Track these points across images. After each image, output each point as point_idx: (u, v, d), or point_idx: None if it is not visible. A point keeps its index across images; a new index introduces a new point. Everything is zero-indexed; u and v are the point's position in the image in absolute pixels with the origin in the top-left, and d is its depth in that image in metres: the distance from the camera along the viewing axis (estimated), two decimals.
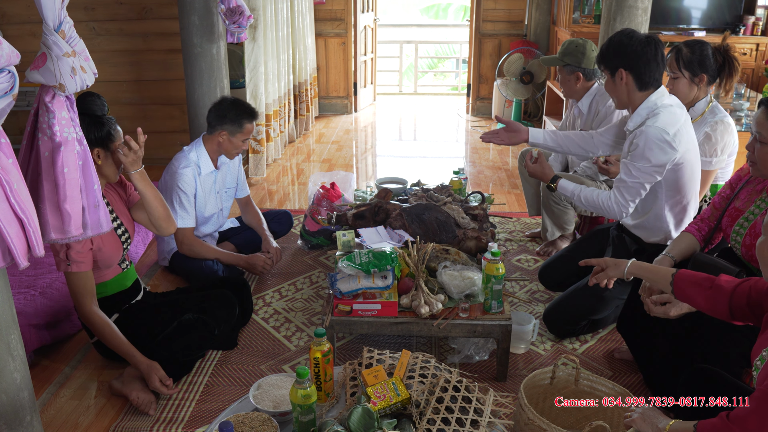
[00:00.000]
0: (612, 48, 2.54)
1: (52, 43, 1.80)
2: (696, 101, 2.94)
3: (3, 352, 1.85)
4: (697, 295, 1.90)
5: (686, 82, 2.88)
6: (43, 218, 1.90)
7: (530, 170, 2.89)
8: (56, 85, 1.83)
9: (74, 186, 1.92)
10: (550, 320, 2.88)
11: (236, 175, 3.50)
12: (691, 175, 2.59)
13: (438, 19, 13.41)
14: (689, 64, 2.86)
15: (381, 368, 1.87)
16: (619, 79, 2.55)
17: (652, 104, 2.54)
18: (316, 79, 6.89)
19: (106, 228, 2.05)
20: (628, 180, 2.55)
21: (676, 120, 2.49)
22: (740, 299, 1.79)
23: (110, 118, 2.43)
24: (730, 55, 2.88)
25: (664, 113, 2.49)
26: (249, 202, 3.63)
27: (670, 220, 2.65)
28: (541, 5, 6.74)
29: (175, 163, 3.19)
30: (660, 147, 2.46)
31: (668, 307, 2.15)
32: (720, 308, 1.85)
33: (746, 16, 6.14)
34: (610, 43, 2.56)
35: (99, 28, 5.06)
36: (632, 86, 2.55)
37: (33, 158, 1.93)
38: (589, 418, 2.11)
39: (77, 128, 1.94)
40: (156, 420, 2.39)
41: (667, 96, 2.57)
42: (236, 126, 3.16)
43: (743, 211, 2.28)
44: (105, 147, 2.41)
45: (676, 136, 2.47)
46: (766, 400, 1.47)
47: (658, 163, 2.48)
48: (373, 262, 2.52)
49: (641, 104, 2.56)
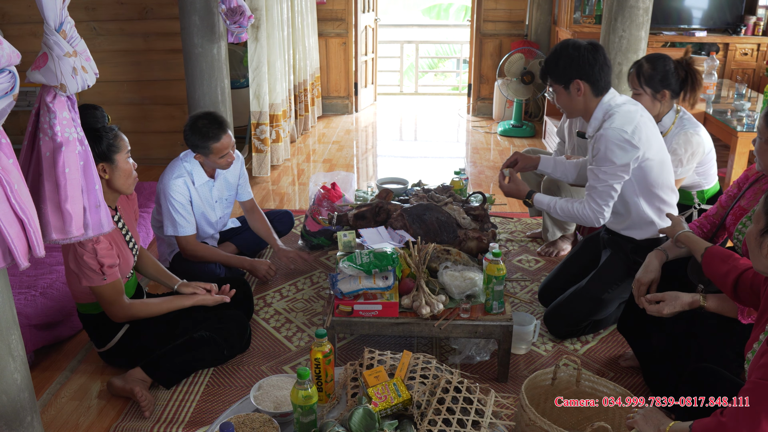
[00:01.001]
0: (563, 61, 2.56)
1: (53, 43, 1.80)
2: (661, 116, 2.96)
3: (3, 353, 1.85)
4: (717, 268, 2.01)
5: (648, 98, 2.90)
6: (44, 218, 1.89)
7: (505, 190, 2.92)
8: (57, 86, 1.83)
9: (75, 186, 1.92)
10: (551, 323, 2.88)
11: (236, 179, 3.40)
12: (661, 168, 2.61)
13: (439, 19, 13.41)
14: (650, 80, 2.88)
15: (382, 369, 1.87)
16: (575, 90, 2.58)
17: (606, 106, 2.58)
18: (318, 79, 6.89)
19: (107, 228, 2.05)
20: (597, 186, 2.58)
21: (631, 118, 2.52)
22: (745, 282, 1.89)
23: (112, 128, 2.39)
24: (692, 69, 2.91)
25: (619, 113, 2.53)
26: (254, 208, 3.51)
27: (651, 214, 2.66)
28: (542, 5, 6.74)
29: (167, 174, 3.12)
30: (621, 147, 2.49)
31: (662, 306, 2.17)
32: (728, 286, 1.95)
33: (747, 16, 6.14)
34: (559, 57, 2.58)
35: (100, 28, 5.06)
36: (589, 94, 2.59)
37: (34, 158, 1.92)
38: (591, 419, 2.11)
39: (78, 128, 1.94)
40: (157, 420, 2.39)
41: (617, 95, 2.61)
42: (205, 150, 3.05)
43: (748, 209, 2.29)
44: (108, 160, 2.37)
45: (635, 133, 2.49)
46: (756, 391, 1.47)
47: (622, 163, 2.51)
48: (374, 263, 2.52)
49: (594, 113, 2.60)
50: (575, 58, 2.54)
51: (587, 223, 2.67)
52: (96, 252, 2.30)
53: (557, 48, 2.60)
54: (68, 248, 2.34)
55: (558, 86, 2.63)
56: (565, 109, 2.70)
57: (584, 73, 2.55)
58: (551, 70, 2.62)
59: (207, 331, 2.61)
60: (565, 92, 2.62)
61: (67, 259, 2.37)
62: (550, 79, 2.66)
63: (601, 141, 2.52)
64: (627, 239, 2.75)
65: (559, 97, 2.67)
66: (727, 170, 4.26)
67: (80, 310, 2.57)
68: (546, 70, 2.66)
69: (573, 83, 2.57)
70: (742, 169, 4.13)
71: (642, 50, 4.14)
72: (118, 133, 2.41)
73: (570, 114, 2.72)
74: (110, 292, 2.41)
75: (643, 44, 4.14)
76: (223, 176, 3.30)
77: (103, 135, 2.35)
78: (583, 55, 2.53)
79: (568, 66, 2.56)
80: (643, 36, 4.12)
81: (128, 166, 2.44)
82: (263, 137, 5.03)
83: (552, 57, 2.62)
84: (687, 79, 2.91)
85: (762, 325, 1.69)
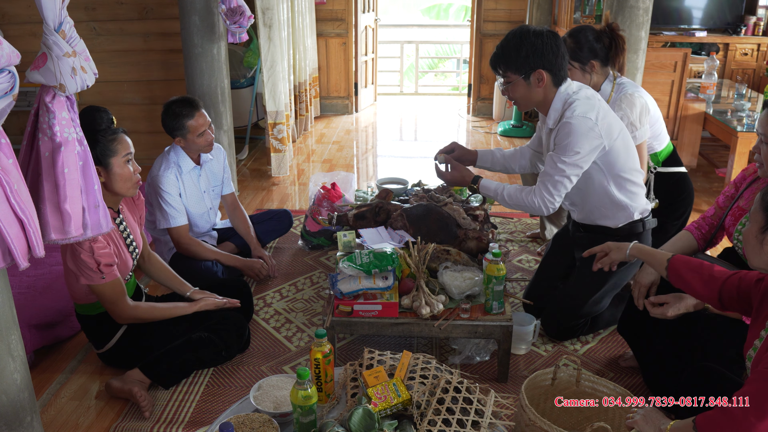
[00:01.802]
0: (525, 50, 2.40)
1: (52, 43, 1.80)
2: (598, 86, 2.97)
3: (3, 353, 1.85)
4: (691, 279, 1.90)
5: (578, 72, 2.91)
6: (43, 219, 1.89)
7: (447, 179, 2.80)
8: (57, 86, 1.82)
9: (74, 186, 1.92)
10: (547, 325, 2.87)
11: (222, 172, 3.44)
12: (627, 152, 2.55)
13: (439, 19, 13.41)
14: (575, 54, 2.87)
15: (382, 369, 1.86)
16: (536, 81, 2.45)
17: (564, 95, 2.49)
18: (316, 80, 6.89)
19: (106, 229, 2.04)
20: (554, 174, 2.47)
21: (592, 104, 2.45)
22: (731, 289, 1.81)
23: (115, 130, 2.38)
24: (615, 34, 2.89)
25: (579, 100, 2.44)
26: (236, 205, 3.53)
27: (624, 198, 2.58)
28: (542, 5, 6.73)
29: (155, 168, 3.17)
30: (586, 135, 2.40)
31: (666, 308, 2.14)
32: (711, 295, 1.87)
33: (747, 16, 6.14)
34: (520, 46, 2.41)
35: (99, 28, 5.06)
36: (549, 84, 2.47)
37: (33, 158, 1.92)
38: (590, 419, 2.10)
39: (78, 128, 1.93)
40: (156, 420, 2.39)
41: (573, 83, 2.53)
42: (183, 131, 3.10)
43: (747, 210, 2.28)
44: (102, 164, 2.36)
45: (599, 120, 2.42)
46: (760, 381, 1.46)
47: (586, 152, 2.42)
48: (374, 263, 2.52)
49: (553, 104, 2.50)
50: (538, 46, 2.39)
51: (535, 212, 2.56)
52: (93, 251, 2.30)
53: (517, 35, 2.42)
54: (66, 248, 2.34)
55: (516, 76, 2.46)
56: (521, 101, 2.54)
57: (547, 62, 2.41)
58: (511, 59, 2.44)
59: (205, 331, 2.61)
60: (524, 83, 2.46)
61: (65, 258, 2.37)
62: (506, 69, 2.47)
63: (566, 129, 2.42)
64: (601, 230, 2.66)
65: (515, 88, 2.49)
66: (728, 170, 4.26)
67: (78, 311, 2.57)
68: (503, 59, 2.46)
69: (535, 73, 2.43)
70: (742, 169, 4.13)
71: (642, 50, 4.14)
72: (118, 137, 2.39)
73: (523, 106, 2.57)
74: (111, 292, 2.41)
75: (644, 44, 4.14)
76: (209, 166, 3.35)
77: (100, 138, 2.34)
78: (547, 43, 2.39)
79: (531, 54, 2.40)
80: (643, 36, 4.12)
81: (125, 170, 2.42)
82: (281, 136, 5.02)
83: (512, 45, 2.43)
84: (611, 45, 2.89)
85: (761, 322, 1.69)
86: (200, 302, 2.69)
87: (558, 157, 2.45)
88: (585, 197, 2.62)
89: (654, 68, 4.72)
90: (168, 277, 2.82)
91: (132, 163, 2.45)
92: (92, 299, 2.48)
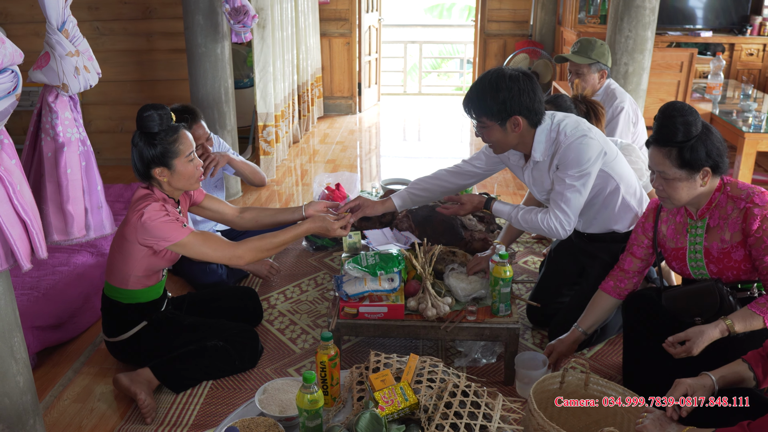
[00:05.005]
0: (501, 96, 2.29)
1: (55, 42, 1.79)
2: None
3: (6, 355, 1.83)
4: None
5: None
6: (46, 219, 1.88)
7: (452, 213, 2.68)
8: (59, 85, 1.81)
9: (77, 187, 1.90)
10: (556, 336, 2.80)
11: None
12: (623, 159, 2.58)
13: (442, 18, 13.40)
14: None
15: (388, 372, 1.84)
16: (512, 126, 2.36)
17: (547, 129, 2.42)
18: (319, 80, 6.87)
19: (109, 230, 2.03)
20: (565, 191, 2.42)
21: (578, 120, 2.46)
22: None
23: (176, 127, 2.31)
24: (590, 101, 2.92)
25: (568, 124, 2.41)
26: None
27: (634, 203, 2.60)
28: (547, 5, 6.71)
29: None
30: (587, 145, 2.38)
31: (689, 346, 1.99)
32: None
33: (753, 17, 6.12)
34: (497, 92, 2.29)
35: (103, 28, 5.05)
36: (526, 128, 2.39)
37: (36, 159, 1.91)
38: (599, 423, 2.08)
39: (80, 129, 1.92)
40: (160, 423, 2.37)
41: (555, 114, 2.48)
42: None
43: (684, 247, 2.18)
44: (165, 165, 2.31)
45: (591, 128, 2.44)
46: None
47: (592, 160, 2.39)
48: (379, 265, 2.50)
49: (536, 138, 2.43)
50: (515, 92, 2.29)
51: (551, 234, 2.47)
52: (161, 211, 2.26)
53: (492, 80, 2.31)
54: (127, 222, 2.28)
55: (492, 122, 2.36)
56: (496, 145, 2.45)
57: (524, 108, 2.33)
58: (486, 105, 2.33)
59: (221, 341, 2.59)
60: (500, 128, 2.37)
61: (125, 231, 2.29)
62: (480, 115, 2.37)
63: (568, 151, 2.38)
64: (610, 237, 2.65)
65: (491, 133, 2.39)
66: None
67: (108, 293, 2.48)
68: (477, 106, 2.35)
69: (511, 119, 2.34)
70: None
71: (648, 50, 4.12)
72: (180, 136, 2.32)
73: (498, 150, 2.47)
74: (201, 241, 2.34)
75: (650, 44, 4.12)
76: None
77: (159, 141, 2.27)
78: (523, 88, 2.30)
79: (507, 100, 2.30)
80: (649, 36, 4.10)
81: (188, 168, 2.35)
82: (269, 139, 5.00)
83: (487, 91, 2.31)
84: (589, 112, 2.90)
85: None
86: (317, 222, 2.56)
87: (565, 173, 2.42)
88: (593, 207, 2.61)
89: (660, 68, 4.70)
90: (272, 215, 2.77)
91: (194, 159, 2.40)
92: (128, 284, 2.41)
